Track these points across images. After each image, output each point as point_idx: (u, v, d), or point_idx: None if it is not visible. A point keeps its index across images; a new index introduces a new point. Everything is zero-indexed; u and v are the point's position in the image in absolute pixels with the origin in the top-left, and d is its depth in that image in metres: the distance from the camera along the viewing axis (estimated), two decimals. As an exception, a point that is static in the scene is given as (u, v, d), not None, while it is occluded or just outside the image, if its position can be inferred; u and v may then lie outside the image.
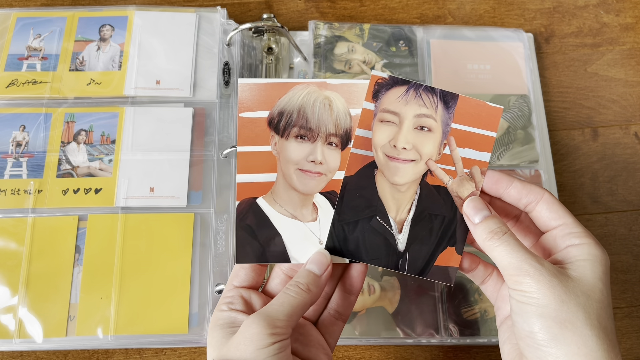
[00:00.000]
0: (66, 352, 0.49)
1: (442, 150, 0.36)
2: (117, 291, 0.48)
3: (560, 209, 0.35)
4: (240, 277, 0.37)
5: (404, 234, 0.36)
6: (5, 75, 0.55)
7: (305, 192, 0.37)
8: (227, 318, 0.34)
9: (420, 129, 0.36)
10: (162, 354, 0.50)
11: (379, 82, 0.37)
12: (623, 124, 0.61)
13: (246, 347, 0.31)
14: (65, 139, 0.53)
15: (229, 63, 0.56)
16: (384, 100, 0.36)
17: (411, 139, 0.36)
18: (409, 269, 0.36)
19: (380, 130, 0.36)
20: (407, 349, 0.51)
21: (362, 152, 0.37)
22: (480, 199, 0.35)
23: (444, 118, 0.36)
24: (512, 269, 0.32)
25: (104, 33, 0.57)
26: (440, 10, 0.65)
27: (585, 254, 0.33)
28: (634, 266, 0.55)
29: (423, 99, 0.36)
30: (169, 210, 0.51)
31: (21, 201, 0.51)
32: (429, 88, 0.36)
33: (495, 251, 0.33)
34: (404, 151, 0.36)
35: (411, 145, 0.36)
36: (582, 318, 0.30)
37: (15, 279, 0.48)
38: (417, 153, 0.36)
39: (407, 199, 0.37)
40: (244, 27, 0.56)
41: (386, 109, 0.36)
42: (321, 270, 0.35)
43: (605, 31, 0.65)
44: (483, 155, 0.36)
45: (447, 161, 0.36)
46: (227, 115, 0.54)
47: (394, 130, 0.36)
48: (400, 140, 0.36)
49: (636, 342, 0.52)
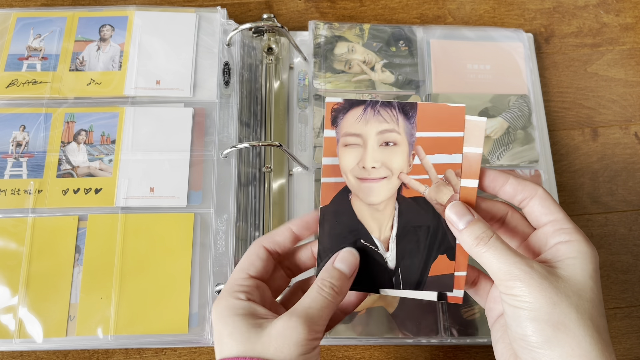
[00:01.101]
0: (66, 352, 0.49)
1: (411, 161, 0.36)
2: (117, 291, 0.48)
3: (552, 205, 0.35)
4: (256, 267, 0.35)
5: (391, 252, 0.36)
6: (5, 75, 0.55)
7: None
8: (247, 308, 0.33)
9: (385, 145, 0.36)
10: (162, 354, 0.50)
11: (334, 108, 0.36)
12: (623, 124, 0.61)
13: (289, 350, 0.30)
14: (65, 139, 0.53)
15: (229, 63, 0.56)
16: (344, 124, 0.36)
17: (378, 157, 0.36)
18: (404, 285, 0.36)
19: (346, 154, 0.36)
20: (407, 349, 0.51)
21: (333, 180, 0.36)
22: (461, 204, 0.35)
23: (407, 129, 0.36)
24: (502, 274, 0.32)
25: (104, 33, 0.57)
26: (440, 10, 0.65)
27: (574, 251, 0.33)
28: (634, 266, 0.55)
29: (382, 114, 0.36)
30: (169, 210, 0.51)
31: (21, 201, 0.51)
32: (386, 103, 0.36)
33: (484, 257, 0.33)
34: (374, 170, 0.36)
35: (380, 163, 0.36)
36: (575, 319, 0.30)
37: (15, 279, 0.48)
38: (387, 169, 0.36)
39: (388, 217, 0.36)
40: (244, 27, 0.56)
41: (348, 132, 0.36)
42: (350, 272, 0.35)
43: (605, 31, 0.65)
44: (454, 157, 0.36)
45: (420, 171, 0.36)
46: (227, 115, 0.54)
47: (359, 151, 0.36)
48: (368, 160, 0.36)
49: (636, 342, 0.52)
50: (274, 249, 0.36)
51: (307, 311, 0.32)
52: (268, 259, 0.36)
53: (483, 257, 0.33)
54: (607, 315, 0.53)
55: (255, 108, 0.57)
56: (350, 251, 0.35)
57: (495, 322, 0.37)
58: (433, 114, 0.36)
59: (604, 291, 0.54)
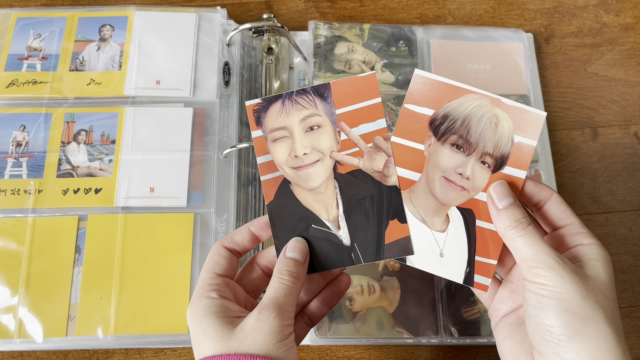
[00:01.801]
0: (66, 352, 0.49)
1: (339, 138, 0.37)
2: (117, 291, 0.48)
3: (568, 209, 0.36)
4: (222, 266, 0.36)
5: (343, 229, 0.37)
6: (5, 75, 0.55)
7: (443, 201, 0.37)
8: (219, 306, 0.33)
9: (310, 130, 0.37)
10: (162, 354, 0.50)
11: (255, 109, 0.38)
12: (623, 124, 0.61)
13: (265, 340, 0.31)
14: (66, 139, 0.53)
15: (229, 63, 0.56)
16: (267, 121, 0.37)
17: (307, 143, 0.37)
18: (365, 258, 0.36)
19: (277, 148, 0.37)
20: (407, 349, 0.51)
21: (271, 175, 0.37)
22: (506, 185, 0.35)
23: (327, 109, 0.37)
24: (534, 261, 0.32)
25: (104, 33, 0.57)
26: (440, 10, 0.65)
27: (595, 253, 0.33)
28: (634, 266, 0.55)
29: (300, 102, 0.37)
30: (169, 210, 0.51)
31: (21, 201, 0.51)
32: (300, 91, 0.37)
33: (518, 241, 0.33)
34: (306, 156, 0.37)
35: (310, 148, 0.37)
36: (602, 315, 0.31)
37: (15, 279, 0.48)
38: (318, 152, 0.37)
39: (330, 197, 0.37)
40: (244, 27, 0.56)
41: (273, 128, 0.37)
42: (302, 257, 0.36)
43: (605, 31, 0.65)
44: (378, 123, 0.37)
45: (350, 145, 0.37)
46: (227, 115, 0.54)
47: (288, 142, 0.37)
48: (298, 148, 0.37)
49: (636, 342, 0.52)
50: (234, 248, 0.37)
51: (274, 301, 0.33)
52: (231, 257, 0.37)
53: (517, 241, 0.33)
54: (607, 315, 0.53)
55: (255, 108, 0.57)
56: (298, 239, 0.36)
57: (501, 321, 0.37)
58: (347, 88, 0.37)
59: (604, 291, 0.54)
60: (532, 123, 0.36)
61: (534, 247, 0.32)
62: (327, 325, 0.49)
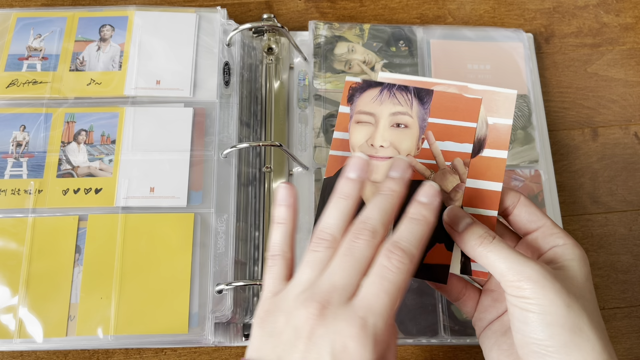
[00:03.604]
0: (66, 352, 0.49)
1: (420, 145, 0.36)
2: (117, 291, 0.48)
3: (538, 212, 0.35)
4: None
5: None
6: (5, 75, 0.55)
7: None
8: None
9: (396, 127, 0.36)
10: (162, 354, 0.50)
11: (352, 87, 0.37)
12: (623, 124, 0.61)
13: None
14: (66, 139, 0.53)
15: (229, 63, 0.56)
16: (359, 102, 0.37)
17: (388, 137, 0.36)
18: None
19: (357, 130, 0.36)
20: (407, 349, 0.51)
21: (340, 153, 0.37)
22: (458, 208, 0.34)
23: (420, 114, 0.36)
24: (511, 275, 0.30)
25: (104, 33, 0.57)
26: (440, 10, 0.65)
27: (571, 254, 0.33)
28: (634, 266, 0.55)
29: (397, 97, 0.37)
30: (169, 210, 0.51)
31: (21, 201, 0.51)
32: (402, 87, 0.37)
33: (488, 257, 0.31)
34: (382, 149, 0.36)
35: (388, 143, 0.36)
36: (587, 322, 0.30)
37: (15, 279, 0.48)
38: (394, 150, 0.36)
39: None
40: (244, 27, 0.56)
41: (361, 110, 0.37)
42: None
43: (605, 31, 0.65)
44: (464, 146, 0.36)
45: (428, 156, 0.36)
46: (227, 115, 0.54)
47: (370, 129, 0.36)
48: (378, 138, 0.36)
49: (636, 342, 0.52)
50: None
51: None
52: None
53: (488, 258, 0.31)
54: (607, 315, 0.53)
55: (255, 108, 0.57)
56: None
57: (485, 330, 0.36)
58: (448, 102, 0.36)
59: (604, 291, 0.54)
60: (503, 103, 0.36)
61: (508, 259, 0.31)
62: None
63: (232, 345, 0.49)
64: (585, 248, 0.55)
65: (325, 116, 0.56)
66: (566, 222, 0.56)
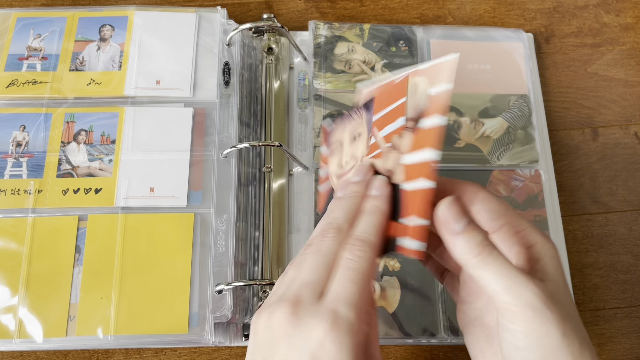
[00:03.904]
0: (66, 352, 0.49)
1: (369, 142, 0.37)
2: (117, 291, 0.48)
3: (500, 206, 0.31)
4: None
5: None
6: (5, 75, 0.55)
7: None
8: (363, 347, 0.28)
9: (354, 140, 0.38)
10: (162, 354, 0.50)
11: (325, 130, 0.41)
12: (623, 124, 0.61)
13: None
14: (65, 139, 0.53)
15: (229, 63, 0.56)
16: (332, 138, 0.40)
17: (350, 152, 0.38)
18: None
19: (331, 159, 0.39)
20: (407, 349, 0.51)
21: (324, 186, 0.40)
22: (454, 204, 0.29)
23: (368, 118, 0.38)
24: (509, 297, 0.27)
25: (104, 33, 0.57)
26: (440, 10, 0.65)
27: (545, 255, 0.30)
28: (634, 266, 0.55)
29: (353, 116, 0.39)
30: (169, 210, 0.51)
31: (21, 201, 0.51)
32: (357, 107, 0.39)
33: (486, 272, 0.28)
34: (347, 164, 0.38)
35: (350, 156, 0.38)
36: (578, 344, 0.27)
37: (15, 279, 0.48)
38: (354, 159, 0.37)
39: None
40: (244, 27, 0.56)
41: (330, 142, 0.40)
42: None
43: (605, 31, 0.65)
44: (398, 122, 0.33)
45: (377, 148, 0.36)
46: (227, 115, 0.54)
47: (339, 154, 0.39)
48: (343, 157, 0.38)
49: (636, 342, 0.52)
50: None
51: None
52: None
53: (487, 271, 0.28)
54: (607, 315, 0.53)
55: (255, 108, 0.57)
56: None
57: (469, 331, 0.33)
58: (384, 95, 0.37)
59: (604, 291, 0.54)
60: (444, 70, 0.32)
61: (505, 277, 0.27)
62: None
63: (232, 345, 0.49)
64: (586, 248, 0.55)
65: (325, 116, 0.56)
66: (566, 222, 0.56)
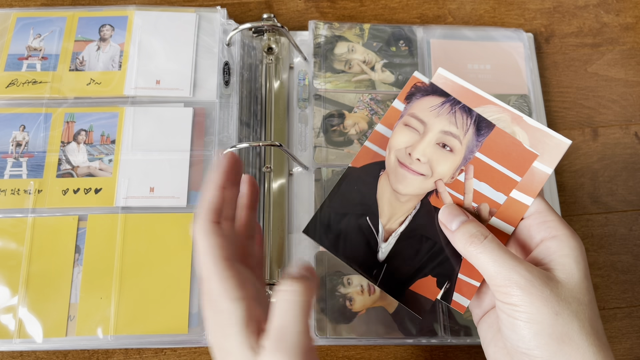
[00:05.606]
0: (66, 352, 0.49)
1: (456, 175, 0.34)
2: (117, 291, 0.48)
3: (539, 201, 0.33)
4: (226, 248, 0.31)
5: (388, 245, 0.34)
6: (5, 75, 0.55)
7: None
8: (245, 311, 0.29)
9: (442, 146, 0.34)
10: (162, 354, 0.50)
11: (417, 85, 0.35)
12: (623, 124, 0.61)
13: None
14: (65, 139, 0.53)
15: (229, 63, 0.56)
16: (416, 105, 0.34)
17: (428, 153, 0.34)
18: (382, 284, 0.34)
19: (401, 133, 0.34)
20: (407, 349, 0.51)
21: (375, 148, 0.35)
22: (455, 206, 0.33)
23: (471, 144, 0.34)
24: (500, 279, 0.30)
25: (104, 33, 0.57)
26: (440, 10, 0.65)
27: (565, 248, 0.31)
28: (634, 266, 0.55)
29: (456, 116, 0.34)
30: (169, 210, 0.51)
31: (21, 201, 0.51)
32: (466, 108, 0.34)
33: (479, 259, 0.31)
34: (417, 162, 0.34)
35: (426, 159, 0.34)
36: (577, 328, 0.29)
37: (15, 279, 0.48)
38: (429, 168, 0.34)
39: (404, 211, 0.35)
40: (244, 27, 0.56)
41: (414, 115, 0.34)
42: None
43: (605, 31, 0.65)
44: (499, 196, 0.33)
45: (459, 189, 0.34)
46: (227, 115, 0.54)
47: (414, 138, 0.34)
48: (418, 150, 0.34)
49: (636, 342, 0.52)
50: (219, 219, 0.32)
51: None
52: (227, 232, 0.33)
53: (478, 259, 0.31)
54: (608, 315, 0.53)
55: (255, 108, 0.57)
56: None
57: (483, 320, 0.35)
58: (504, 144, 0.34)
59: (604, 291, 0.54)
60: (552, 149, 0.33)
61: (497, 262, 0.30)
62: (327, 326, 0.49)
63: (232, 345, 0.49)
64: (586, 248, 0.55)
65: (325, 116, 0.56)
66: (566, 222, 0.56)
